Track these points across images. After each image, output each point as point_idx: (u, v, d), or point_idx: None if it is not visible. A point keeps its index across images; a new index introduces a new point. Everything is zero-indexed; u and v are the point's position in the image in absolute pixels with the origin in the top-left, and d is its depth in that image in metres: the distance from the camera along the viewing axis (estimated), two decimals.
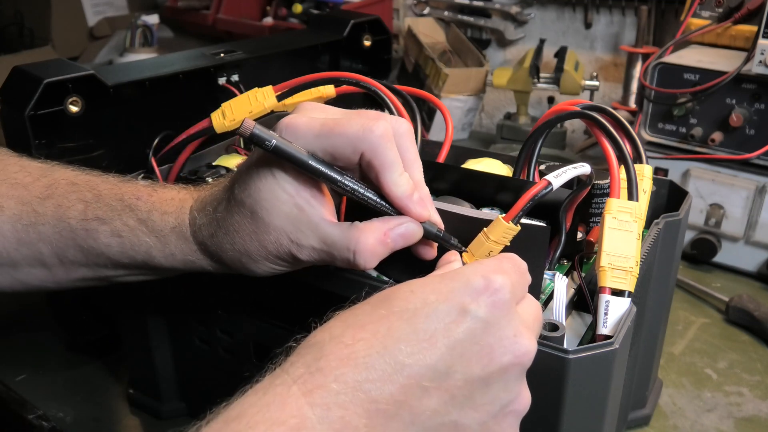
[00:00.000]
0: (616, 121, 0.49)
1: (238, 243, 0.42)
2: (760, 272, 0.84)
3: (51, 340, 0.74)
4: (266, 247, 0.41)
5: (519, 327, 0.35)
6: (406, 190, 0.39)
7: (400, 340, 0.33)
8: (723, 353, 0.72)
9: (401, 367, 0.32)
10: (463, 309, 0.34)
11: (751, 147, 0.80)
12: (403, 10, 1.40)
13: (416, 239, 0.41)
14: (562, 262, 0.51)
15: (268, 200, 0.40)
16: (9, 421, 0.63)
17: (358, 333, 0.33)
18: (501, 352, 0.34)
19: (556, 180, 0.43)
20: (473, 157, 0.61)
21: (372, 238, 0.39)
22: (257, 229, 0.41)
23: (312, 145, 0.39)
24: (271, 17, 1.42)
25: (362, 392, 0.31)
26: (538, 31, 1.31)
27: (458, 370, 0.33)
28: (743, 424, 0.63)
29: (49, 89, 0.58)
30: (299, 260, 0.41)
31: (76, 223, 0.46)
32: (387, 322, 0.33)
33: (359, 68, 0.89)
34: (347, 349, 0.32)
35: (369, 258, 0.39)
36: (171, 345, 0.61)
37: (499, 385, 0.34)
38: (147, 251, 0.45)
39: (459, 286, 0.34)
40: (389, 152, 0.39)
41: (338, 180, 0.39)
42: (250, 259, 0.42)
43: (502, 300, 0.34)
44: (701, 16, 0.91)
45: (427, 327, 0.33)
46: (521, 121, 1.22)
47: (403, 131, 0.41)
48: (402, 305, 0.34)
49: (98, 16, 1.55)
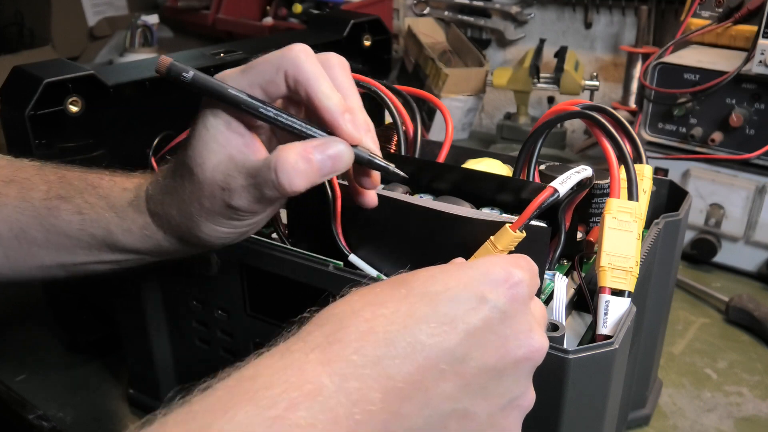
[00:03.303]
0: (616, 121, 0.49)
1: (182, 207, 0.42)
2: (760, 272, 0.84)
3: (51, 340, 0.74)
4: (203, 205, 0.41)
5: (533, 323, 0.35)
6: (336, 103, 0.39)
7: (420, 320, 0.32)
8: (723, 353, 0.72)
9: (421, 347, 0.32)
10: (483, 297, 0.34)
11: (751, 147, 0.80)
12: (403, 10, 1.40)
13: (346, 161, 0.39)
14: (562, 262, 0.51)
15: (201, 155, 0.40)
16: (9, 421, 0.63)
17: (378, 309, 0.33)
18: (516, 345, 0.34)
19: (562, 187, 0.44)
20: (473, 157, 0.61)
21: (293, 153, 0.38)
22: (194, 187, 0.41)
23: (239, 81, 0.39)
24: (271, 17, 1.42)
25: (381, 367, 0.31)
26: (538, 31, 1.31)
27: (474, 358, 0.33)
28: (743, 424, 0.63)
29: (49, 89, 0.58)
30: (236, 210, 0.41)
31: (38, 202, 0.46)
32: (408, 302, 0.33)
33: (359, 68, 0.89)
34: (367, 323, 0.32)
35: (291, 173, 0.37)
36: (171, 345, 0.61)
37: (511, 378, 0.34)
38: (106, 227, 0.45)
39: (479, 275, 0.34)
40: (311, 66, 0.39)
41: (259, 107, 0.39)
42: (194, 224, 0.42)
43: (520, 294, 0.34)
44: (701, 16, 0.91)
45: (448, 311, 0.33)
46: (521, 121, 1.22)
47: (333, 63, 0.41)
48: (423, 288, 0.34)
49: (98, 16, 1.55)
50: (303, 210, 0.53)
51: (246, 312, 0.54)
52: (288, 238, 0.53)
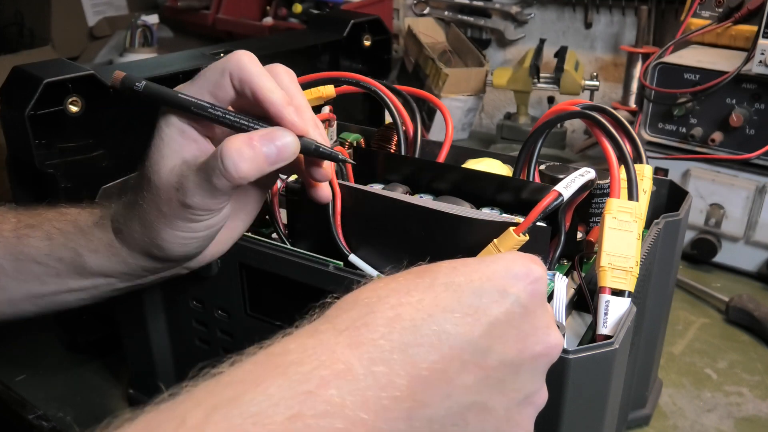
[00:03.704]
0: (616, 121, 0.49)
1: (142, 217, 0.43)
2: (760, 272, 0.84)
3: (51, 340, 0.74)
4: (162, 210, 0.42)
5: (551, 321, 0.36)
6: (280, 96, 0.41)
7: (446, 310, 0.33)
8: (723, 353, 0.72)
9: (446, 336, 0.32)
10: (505, 291, 0.34)
11: (751, 147, 0.80)
12: (403, 10, 1.40)
13: (291, 149, 0.41)
14: (562, 262, 0.51)
15: (157, 162, 0.42)
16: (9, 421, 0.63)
17: (404, 297, 0.33)
18: (534, 340, 0.34)
19: (566, 191, 0.44)
20: (473, 157, 0.61)
21: (237, 140, 0.39)
22: (152, 195, 0.42)
23: (189, 89, 0.42)
24: (271, 17, 1.42)
25: (407, 354, 0.31)
26: (538, 31, 1.31)
27: (496, 350, 0.33)
28: (743, 424, 0.63)
29: (49, 89, 0.58)
30: (191, 209, 0.42)
31: (8, 233, 0.48)
32: (433, 292, 0.33)
33: (359, 68, 0.89)
34: (393, 310, 0.32)
35: (236, 158, 0.39)
36: (171, 345, 0.61)
37: (528, 374, 0.35)
38: (74, 248, 0.46)
39: (501, 269, 0.35)
40: (254, 66, 0.41)
41: (207, 107, 0.41)
42: (155, 232, 0.43)
43: (539, 290, 0.35)
44: (701, 16, 0.91)
45: (472, 302, 0.33)
46: (521, 121, 1.22)
47: (279, 71, 0.43)
48: (446, 279, 0.34)
49: (98, 16, 1.55)
50: (303, 210, 0.53)
51: (246, 312, 0.54)
52: (288, 238, 0.53)
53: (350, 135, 0.66)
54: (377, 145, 0.63)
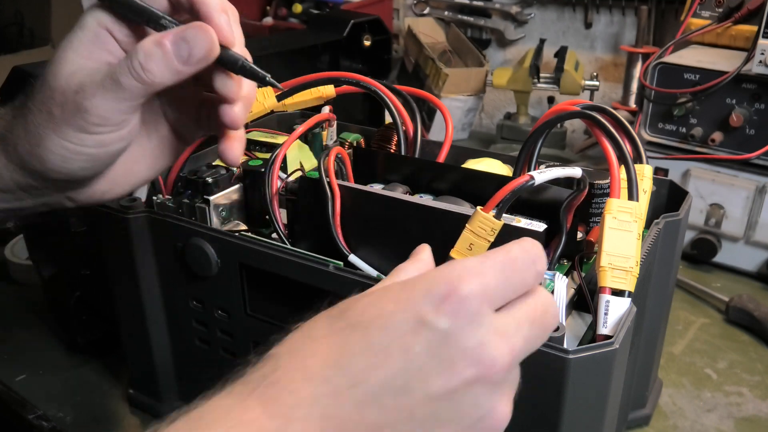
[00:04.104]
0: (616, 121, 0.49)
1: (29, 121, 0.40)
2: (760, 272, 0.84)
3: (51, 340, 0.74)
4: (52, 113, 0.39)
5: (487, 336, 0.30)
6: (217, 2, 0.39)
7: (354, 354, 0.30)
8: (723, 353, 0.72)
9: (355, 383, 0.30)
10: (421, 319, 0.30)
11: (751, 147, 0.80)
12: (403, 10, 1.40)
13: (206, 48, 0.38)
14: (562, 262, 0.51)
15: (58, 64, 0.40)
16: (9, 421, 0.63)
17: (314, 346, 0.31)
18: (463, 365, 0.30)
19: (539, 176, 0.44)
20: (473, 157, 0.61)
21: (148, 40, 0.38)
22: (44, 96, 0.40)
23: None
24: (271, 17, 1.42)
25: (318, 407, 0.29)
26: (538, 31, 1.31)
27: (416, 387, 0.30)
28: (743, 424, 0.63)
29: None
30: (87, 113, 0.39)
31: None
32: (343, 335, 0.31)
33: (359, 68, 0.89)
34: (302, 362, 0.31)
35: (143, 56, 0.37)
36: (171, 345, 0.61)
37: (467, 400, 0.31)
38: None
39: (418, 294, 0.31)
40: None
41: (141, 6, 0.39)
42: (38, 139, 0.40)
43: (465, 308, 0.30)
44: (701, 16, 0.91)
45: (382, 340, 0.30)
46: (521, 121, 1.22)
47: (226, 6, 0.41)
48: (357, 317, 0.31)
49: None
50: (302, 210, 0.53)
51: (246, 312, 0.54)
52: (288, 238, 0.53)
53: (350, 135, 0.66)
54: (377, 145, 0.63)
